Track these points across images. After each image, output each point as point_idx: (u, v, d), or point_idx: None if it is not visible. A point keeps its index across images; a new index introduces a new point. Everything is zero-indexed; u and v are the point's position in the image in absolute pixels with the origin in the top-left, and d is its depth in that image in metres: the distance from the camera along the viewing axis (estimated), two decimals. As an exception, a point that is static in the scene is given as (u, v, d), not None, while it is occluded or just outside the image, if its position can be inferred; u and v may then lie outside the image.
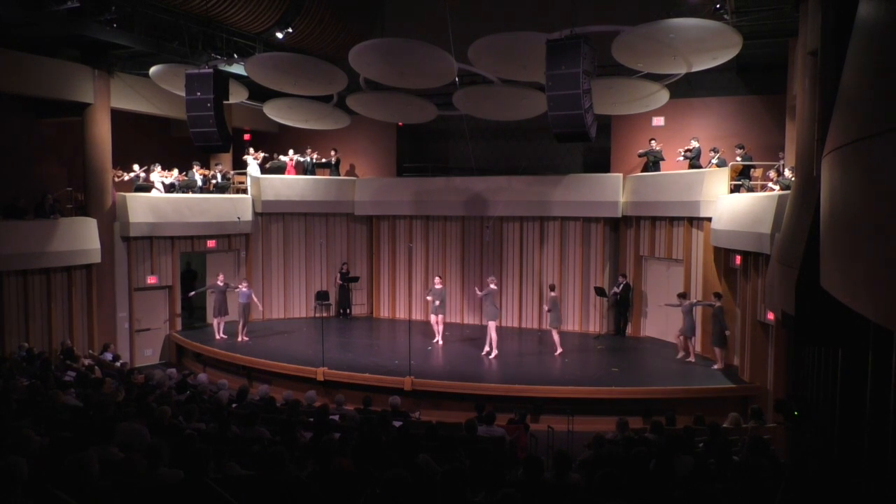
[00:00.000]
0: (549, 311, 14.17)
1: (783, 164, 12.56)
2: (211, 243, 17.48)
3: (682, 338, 13.70)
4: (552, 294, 14.24)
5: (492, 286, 14.14)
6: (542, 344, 15.01)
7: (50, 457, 4.37)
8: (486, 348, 14.13)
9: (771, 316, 11.11)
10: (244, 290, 15.59)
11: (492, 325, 14.11)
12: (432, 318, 15.29)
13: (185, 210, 16.54)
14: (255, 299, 16.12)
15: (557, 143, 12.12)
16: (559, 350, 14.13)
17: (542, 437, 9.75)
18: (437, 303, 15.00)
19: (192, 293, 16.62)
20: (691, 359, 13.53)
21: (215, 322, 15.74)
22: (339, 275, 18.62)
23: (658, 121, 16.42)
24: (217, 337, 15.53)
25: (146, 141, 18.34)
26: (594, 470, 4.83)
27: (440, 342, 15.14)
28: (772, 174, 12.56)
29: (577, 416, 10.76)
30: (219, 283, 15.61)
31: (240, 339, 15.43)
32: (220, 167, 18.17)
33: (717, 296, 13.05)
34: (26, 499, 3.39)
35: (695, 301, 13.66)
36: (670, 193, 14.98)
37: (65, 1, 11.86)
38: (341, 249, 19.23)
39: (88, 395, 8.60)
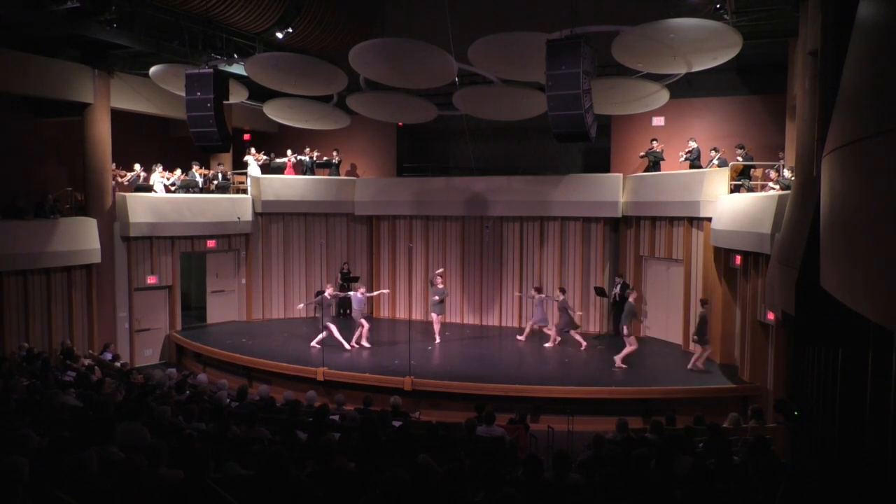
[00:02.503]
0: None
1: (783, 164, 12.56)
2: (211, 243, 17.48)
3: (554, 328, 15.00)
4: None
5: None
6: (542, 344, 14.99)
7: (50, 457, 4.37)
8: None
9: (771, 316, 11.11)
10: (359, 296, 14.59)
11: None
12: (434, 317, 15.31)
13: (185, 210, 16.54)
14: (370, 295, 15.79)
15: (557, 143, 12.11)
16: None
17: (542, 437, 9.74)
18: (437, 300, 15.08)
19: (301, 305, 16.35)
20: (550, 344, 14.89)
21: (333, 330, 14.30)
22: (339, 275, 18.62)
23: (658, 121, 16.42)
24: (349, 346, 14.34)
25: (146, 141, 18.34)
26: (594, 470, 4.84)
27: (438, 342, 15.19)
28: (772, 174, 12.56)
29: (577, 416, 10.74)
30: (326, 294, 14.50)
31: (364, 343, 14.62)
32: (221, 167, 18.17)
33: (562, 290, 14.95)
34: (26, 499, 3.39)
35: (544, 296, 15.25)
36: (670, 193, 14.98)
37: (65, 1, 11.85)
38: (341, 249, 19.23)
39: (88, 395, 8.60)
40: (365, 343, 14.73)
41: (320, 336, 14.32)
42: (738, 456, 6.61)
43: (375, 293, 16.82)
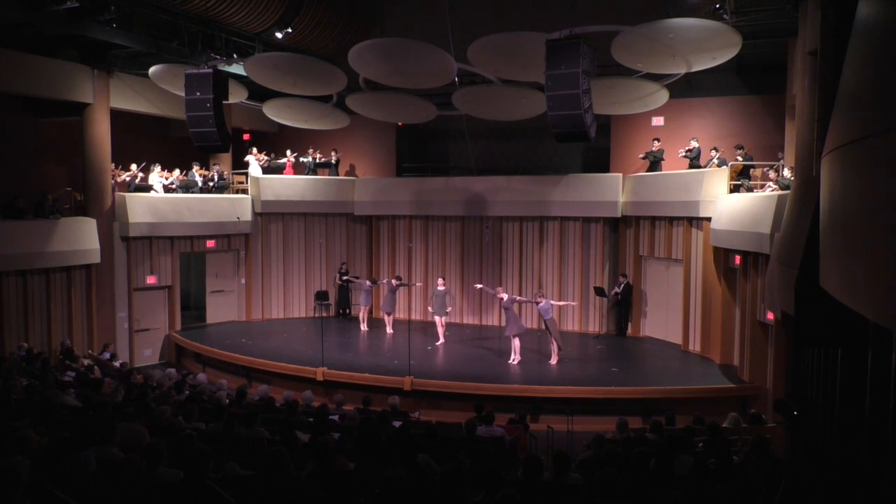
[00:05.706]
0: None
1: (783, 164, 12.56)
2: (210, 243, 17.48)
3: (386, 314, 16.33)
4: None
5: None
6: (541, 344, 14.99)
7: (50, 457, 4.37)
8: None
9: (771, 316, 11.11)
10: (543, 304, 13.44)
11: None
12: (436, 319, 15.33)
13: (185, 210, 16.53)
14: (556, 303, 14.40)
15: (557, 143, 12.11)
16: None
17: (542, 437, 9.74)
18: (440, 305, 15.10)
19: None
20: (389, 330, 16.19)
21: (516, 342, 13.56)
22: (338, 275, 18.63)
23: (658, 121, 16.41)
24: (553, 361, 13.40)
25: (146, 141, 18.33)
26: (594, 470, 4.83)
27: (441, 342, 15.19)
28: (771, 174, 12.56)
29: (576, 416, 10.76)
30: (503, 296, 13.62)
31: (554, 361, 13.46)
32: (217, 167, 18.14)
33: (398, 277, 16.53)
34: (26, 499, 3.39)
35: (385, 281, 16.74)
36: (670, 193, 14.98)
37: (65, 1, 11.85)
38: (341, 249, 19.23)
39: (88, 395, 8.59)
40: (554, 358, 13.59)
41: (516, 349, 13.46)
42: (738, 456, 6.61)
43: (562, 303, 15.33)
